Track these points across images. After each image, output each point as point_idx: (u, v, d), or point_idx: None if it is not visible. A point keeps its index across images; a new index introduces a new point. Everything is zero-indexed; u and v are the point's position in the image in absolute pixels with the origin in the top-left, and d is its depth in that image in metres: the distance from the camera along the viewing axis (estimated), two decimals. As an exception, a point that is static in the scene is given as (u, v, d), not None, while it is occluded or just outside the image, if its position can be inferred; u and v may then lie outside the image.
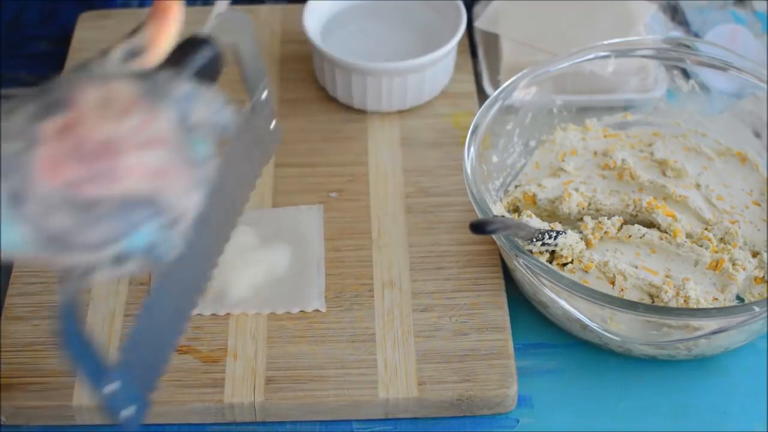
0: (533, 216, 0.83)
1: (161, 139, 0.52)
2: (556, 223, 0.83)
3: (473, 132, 0.83)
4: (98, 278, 0.54)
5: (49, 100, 0.52)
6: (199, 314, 0.80)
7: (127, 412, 0.59)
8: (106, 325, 0.80)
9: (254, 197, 0.88)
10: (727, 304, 0.78)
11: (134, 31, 0.58)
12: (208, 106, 0.56)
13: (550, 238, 0.78)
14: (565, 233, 0.80)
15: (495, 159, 0.87)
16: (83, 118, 0.51)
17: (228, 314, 0.80)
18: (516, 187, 0.88)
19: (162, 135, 0.52)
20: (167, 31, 0.58)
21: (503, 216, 0.82)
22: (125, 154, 0.51)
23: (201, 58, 0.61)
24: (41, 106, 0.52)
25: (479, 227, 0.71)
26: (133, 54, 0.57)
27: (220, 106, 0.57)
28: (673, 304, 0.77)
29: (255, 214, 0.87)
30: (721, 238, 0.82)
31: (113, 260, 0.53)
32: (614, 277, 0.79)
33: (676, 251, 0.80)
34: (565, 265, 0.80)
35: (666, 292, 0.77)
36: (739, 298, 0.80)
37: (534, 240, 0.78)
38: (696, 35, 1.04)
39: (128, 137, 0.51)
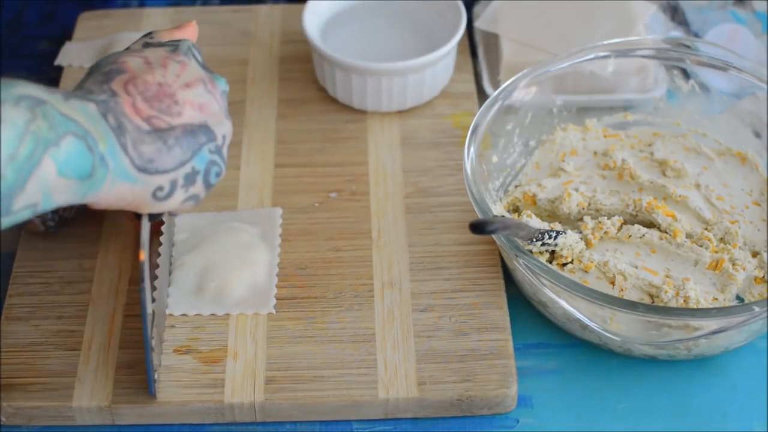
0: (533, 216, 0.83)
1: (198, 78, 0.69)
2: (556, 223, 0.83)
3: (473, 132, 0.83)
4: (175, 201, 0.68)
5: (104, 71, 0.67)
6: (199, 314, 0.80)
7: None
8: (106, 325, 0.80)
9: (254, 197, 0.89)
10: (727, 304, 0.78)
11: (148, 34, 0.73)
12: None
13: (550, 238, 0.78)
14: (565, 233, 0.80)
15: (495, 159, 0.87)
16: (137, 74, 0.67)
17: (228, 314, 0.81)
18: (516, 187, 0.88)
19: (197, 75, 0.69)
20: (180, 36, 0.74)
21: (503, 216, 0.82)
22: (177, 93, 0.67)
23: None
24: (101, 75, 0.66)
25: (479, 227, 0.71)
26: (150, 44, 0.72)
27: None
28: (673, 304, 0.77)
29: (255, 214, 0.87)
30: (721, 238, 0.82)
31: (186, 179, 0.68)
32: (614, 277, 0.79)
33: (676, 251, 0.80)
34: (565, 265, 0.80)
35: (666, 292, 0.77)
36: (739, 298, 0.80)
37: (534, 240, 0.78)
38: (696, 35, 1.04)
39: (174, 81, 0.68)
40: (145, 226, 0.71)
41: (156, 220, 0.73)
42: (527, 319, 0.82)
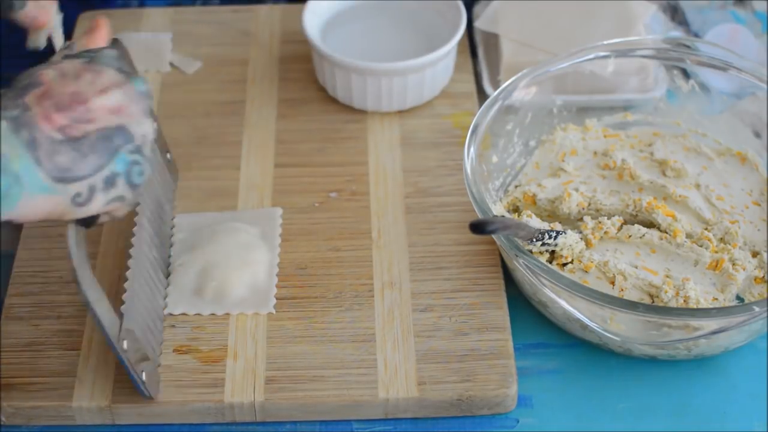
0: (533, 216, 0.83)
1: (112, 84, 0.69)
2: (556, 223, 0.83)
3: (473, 132, 0.83)
4: (97, 205, 0.68)
5: (21, 85, 0.67)
6: (199, 314, 0.80)
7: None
8: (106, 325, 0.80)
9: (254, 197, 0.89)
10: (727, 304, 0.78)
11: (69, 45, 0.76)
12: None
13: (550, 238, 0.78)
14: (565, 233, 0.80)
15: (495, 159, 0.87)
16: (52, 86, 0.67)
17: (227, 314, 0.81)
18: (516, 187, 0.88)
19: (111, 81, 0.69)
20: (95, 43, 0.75)
21: (503, 216, 0.82)
22: (91, 100, 0.67)
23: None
24: (18, 90, 0.66)
25: (479, 227, 0.71)
26: (69, 56, 0.72)
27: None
28: (673, 304, 0.77)
29: (255, 214, 0.87)
30: (721, 238, 0.82)
31: (105, 182, 0.67)
32: (614, 277, 0.79)
33: (676, 251, 0.80)
34: (565, 265, 0.80)
35: (666, 292, 0.77)
36: (739, 298, 0.80)
37: (534, 240, 0.78)
38: (696, 35, 1.04)
39: (88, 89, 0.68)
40: (71, 235, 0.70)
41: (91, 228, 0.72)
42: (527, 319, 0.82)
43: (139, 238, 0.79)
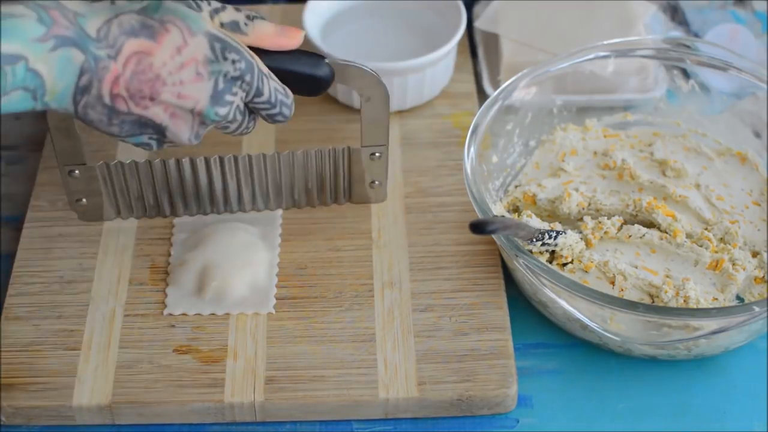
0: (533, 216, 0.83)
1: (193, 98, 0.67)
2: (556, 223, 0.83)
3: (473, 132, 0.83)
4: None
5: (148, 22, 0.66)
6: (199, 314, 0.80)
7: None
8: (106, 324, 0.80)
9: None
10: (727, 304, 0.78)
11: (253, 16, 0.72)
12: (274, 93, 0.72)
13: (549, 238, 0.78)
14: (565, 233, 0.80)
15: (495, 159, 0.87)
16: (157, 53, 0.66)
17: (228, 314, 0.81)
18: (516, 187, 0.88)
19: (195, 95, 0.67)
20: (277, 41, 0.72)
21: (503, 216, 0.82)
22: (162, 95, 0.67)
23: (308, 67, 0.76)
24: (139, 25, 0.65)
25: (479, 227, 0.71)
26: (236, 29, 0.70)
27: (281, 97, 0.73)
28: (673, 304, 0.77)
29: (255, 214, 0.87)
30: (721, 238, 0.82)
31: (115, 137, 0.69)
32: (614, 277, 0.79)
33: (676, 251, 0.80)
34: (565, 265, 0.80)
35: (666, 292, 0.77)
36: (739, 298, 0.80)
37: (534, 240, 0.78)
38: (696, 35, 1.04)
39: (172, 84, 0.66)
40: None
41: None
42: (527, 319, 0.82)
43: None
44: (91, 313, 0.80)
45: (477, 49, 1.02)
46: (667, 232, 0.82)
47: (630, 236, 0.81)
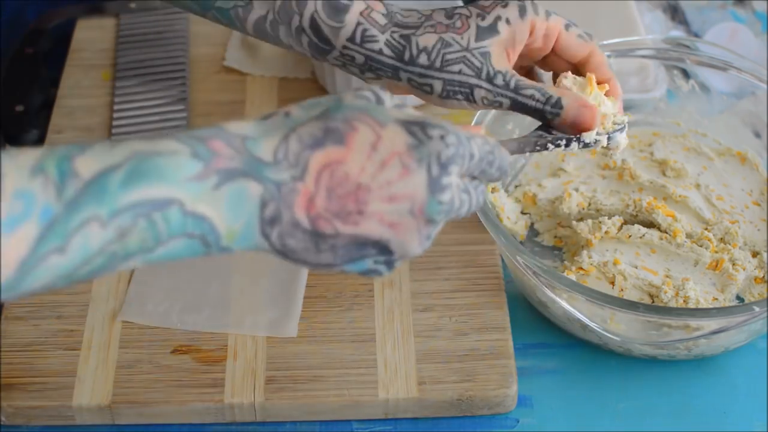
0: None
1: (407, 195, 0.56)
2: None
3: (473, 132, 0.83)
4: None
5: (331, 127, 0.56)
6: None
7: None
8: (106, 324, 0.80)
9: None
10: (727, 304, 0.78)
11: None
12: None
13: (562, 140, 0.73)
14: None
15: (495, 159, 0.87)
16: (347, 158, 0.55)
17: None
18: (516, 187, 0.88)
19: (409, 192, 0.56)
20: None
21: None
22: (371, 204, 0.56)
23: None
24: (323, 133, 0.56)
25: None
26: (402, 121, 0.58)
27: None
28: (672, 304, 0.77)
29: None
30: (721, 238, 0.82)
31: (328, 271, 0.59)
32: (614, 277, 0.79)
33: (676, 251, 0.80)
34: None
35: (666, 292, 0.77)
36: (739, 298, 0.80)
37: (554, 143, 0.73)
38: (696, 35, 1.04)
39: (378, 188, 0.56)
40: None
41: None
42: (527, 319, 0.82)
43: None
44: (91, 313, 0.80)
45: (477, 49, 1.02)
46: (667, 232, 0.82)
47: (630, 236, 0.81)
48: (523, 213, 0.86)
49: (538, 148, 0.72)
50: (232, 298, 0.81)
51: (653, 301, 0.78)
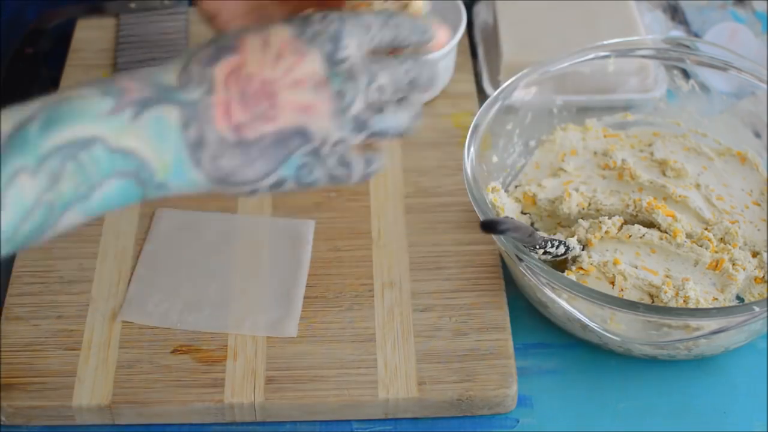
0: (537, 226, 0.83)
1: (309, 75, 0.59)
2: (558, 233, 0.83)
3: (473, 132, 0.83)
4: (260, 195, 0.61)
5: (219, 44, 0.59)
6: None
7: None
8: (106, 324, 0.80)
9: (253, 200, 0.89)
10: (727, 304, 0.78)
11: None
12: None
13: (553, 246, 0.78)
14: (569, 246, 0.79)
15: (495, 159, 0.87)
16: (248, 59, 0.58)
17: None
18: (516, 187, 0.88)
19: (309, 72, 0.59)
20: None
21: (512, 218, 0.81)
22: (280, 94, 0.58)
23: None
24: (214, 50, 0.59)
25: (490, 226, 0.70)
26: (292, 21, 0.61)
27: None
28: (672, 304, 0.77)
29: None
30: (721, 238, 0.82)
31: (270, 186, 0.60)
32: (614, 277, 0.79)
33: (676, 251, 0.80)
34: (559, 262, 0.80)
35: (666, 292, 0.77)
36: (739, 298, 0.80)
37: (537, 247, 0.77)
38: (696, 35, 1.04)
39: (282, 77, 0.58)
40: None
41: None
42: (527, 319, 0.82)
43: None
44: (91, 313, 0.80)
45: (477, 49, 1.02)
46: (667, 232, 0.82)
47: (630, 236, 0.81)
48: (523, 213, 0.86)
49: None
50: (232, 298, 0.81)
51: (653, 301, 0.78)
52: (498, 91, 0.86)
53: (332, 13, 0.60)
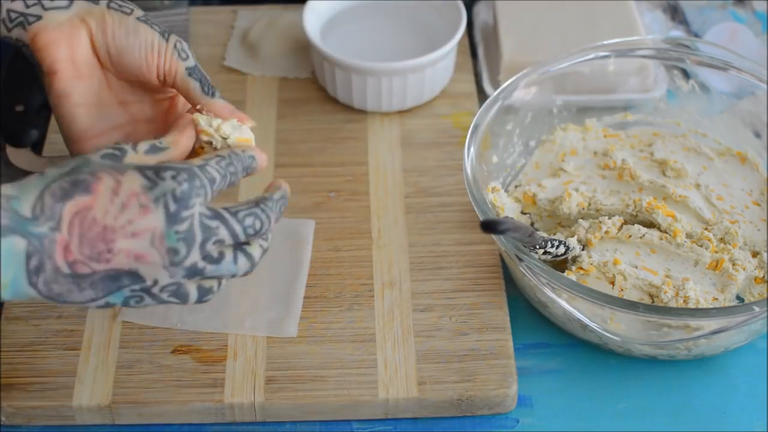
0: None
1: (148, 230, 0.63)
2: (558, 233, 0.83)
3: (473, 132, 0.83)
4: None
5: (74, 178, 0.63)
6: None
7: None
8: (106, 324, 0.80)
9: (254, 197, 0.88)
10: (727, 304, 0.78)
11: (157, 136, 0.70)
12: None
13: (552, 247, 0.78)
14: (569, 247, 0.79)
15: (495, 159, 0.87)
16: (96, 205, 0.62)
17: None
18: (516, 187, 0.88)
19: (149, 227, 0.63)
20: (184, 140, 0.69)
21: (512, 218, 0.81)
22: (117, 241, 0.62)
23: None
24: (68, 183, 0.62)
25: (490, 226, 0.70)
26: (156, 150, 0.67)
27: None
28: (672, 304, 0.77)
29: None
30: (721, 238, 0.82)
31: (98, 307, 0.65)
32: (614, 277, 0.79)
33: (676, 251, 0.80)
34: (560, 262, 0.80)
35: (666, 292, 0.77)
36: (739, 298, 0.80)
37: (537, 247, 0.77)
38: (696, 35, 1.04)
39: (122, 227, 0.62)
40: None
41: None
42: (527, 319, 0.82)
43: None
44: (91, 313, 0.80)
45: (477, 49, 1.02)
46: (667, 232, 0.82)
47: (630, 236, 0.81)
48: (523, 213, 0.86)
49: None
50: (232, 298, 0.81)
51: (653, 301, 0.78)
52: (498, 91, 0.86)
53: (184, 170, 0.64)
